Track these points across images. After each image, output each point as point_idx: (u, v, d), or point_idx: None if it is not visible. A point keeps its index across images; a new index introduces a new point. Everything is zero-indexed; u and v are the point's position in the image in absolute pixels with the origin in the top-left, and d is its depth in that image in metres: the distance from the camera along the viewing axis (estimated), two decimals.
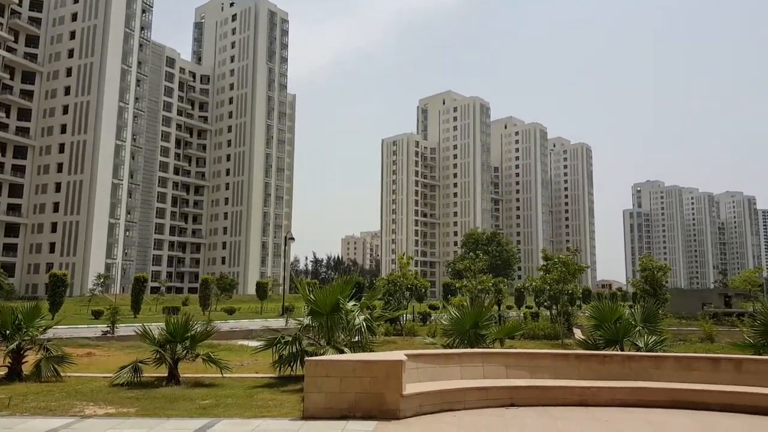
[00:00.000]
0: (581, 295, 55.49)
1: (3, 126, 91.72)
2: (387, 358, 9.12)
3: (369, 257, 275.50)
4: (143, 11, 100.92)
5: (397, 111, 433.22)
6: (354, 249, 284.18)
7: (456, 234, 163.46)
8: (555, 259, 32.44)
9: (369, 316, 13.49)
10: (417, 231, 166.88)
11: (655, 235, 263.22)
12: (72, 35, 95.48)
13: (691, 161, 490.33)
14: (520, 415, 8.85)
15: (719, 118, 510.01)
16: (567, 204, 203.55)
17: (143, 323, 12.98)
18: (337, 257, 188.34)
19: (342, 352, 11.53)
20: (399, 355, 9.17)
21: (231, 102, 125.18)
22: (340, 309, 12.34)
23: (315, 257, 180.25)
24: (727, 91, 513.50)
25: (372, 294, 15.30)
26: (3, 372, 12.22)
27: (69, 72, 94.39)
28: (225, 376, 12.26)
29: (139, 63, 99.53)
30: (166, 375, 11.83)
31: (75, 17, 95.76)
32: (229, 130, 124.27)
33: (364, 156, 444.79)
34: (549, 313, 37.42)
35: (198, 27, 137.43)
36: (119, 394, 10.48)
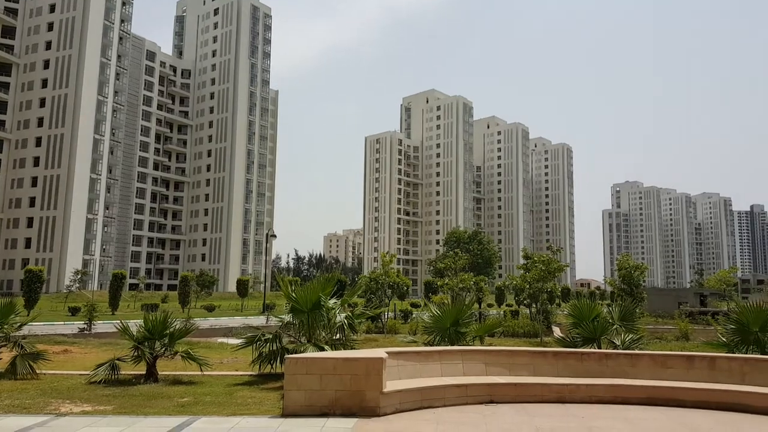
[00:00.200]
0: (560, 294, 56.04)
1: None
2: (367, 355, 9.13)
3: (351, 255, 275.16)
4: (123, 3, 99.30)
5: (381, 109, 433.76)
6: (336, 247, 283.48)
7: (438, 232, 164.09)
8: (535, 258, 32.80)
9: (350, 313, 13.49)
10: (399, 229, 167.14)
11: (633, 235, 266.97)
12: (50, 27, 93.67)
13: (670, 162, 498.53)
14: (498, 412, 8.94)
15: (698, 121, 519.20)
16: (548, 203, 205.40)
17: (121, 320, 12.81)
18: (320, 255, 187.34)
19: (323, 349, 11.52)
20: (380, 353, 9.18)
21: (212, 97, 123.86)
22: (321, 306, 12.31)
23: (297, 255, 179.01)
24: (706, 96, 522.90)
25: (352, 291, 15.26)
26: None
27: (46, 64, 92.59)
28: (204, 373, 12.18)
29: (119, 56, 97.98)
30: (144, 373, 11.72)
31: (53, 8, 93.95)
32: (211, 125, 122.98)
33: (347, 153, 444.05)
34: (529, 312, 37.79)
35: (179, 21, 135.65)
36: (96, 391, 10.34)
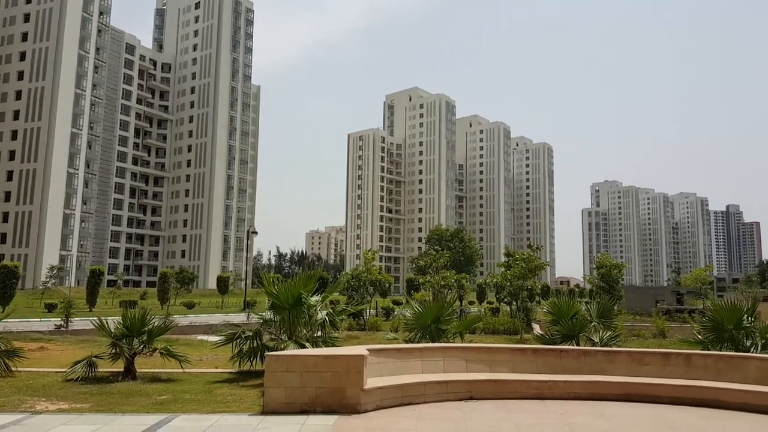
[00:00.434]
0: (540, 292, 56.50)
1: None
2: (348, 352, 9.13)
3: (334, 252, 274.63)
4: None
5: (364, 106, 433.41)
6: (318, 244, 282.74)
7: (421, 230, 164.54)
8: (516, 256, 33.08)
9: (332, 311, 13.47)
10: (382, 226, 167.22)
11: (612, 234, 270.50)
12: (26, 18, 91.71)
13: (648, 163, 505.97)
14: (478, 408, 9.01)
15: (676, 122, 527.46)
16: (528, 202, 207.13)
17: (99, 317, 12.64)
18: (302, 252, 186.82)
19: (303, 347, 11.48)
20: (361, 350, 9.19)
21: (193, 91, 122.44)
22: (302, 303, 12.26)
23: (279, 252, 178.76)
24: (685, 97, 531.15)
25: (331, 287, 15.21)
26: None
27: (23, 56, 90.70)
28: (183, 371, 12.08)
29: (98, 49, 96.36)
30: (122, 370, 11.58)
31: None
32: (191, 120, 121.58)
33: (330, 150, 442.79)
34: (509, 309, 38.09)
35: (160, 14, 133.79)
36: (73, 389, 10.19)
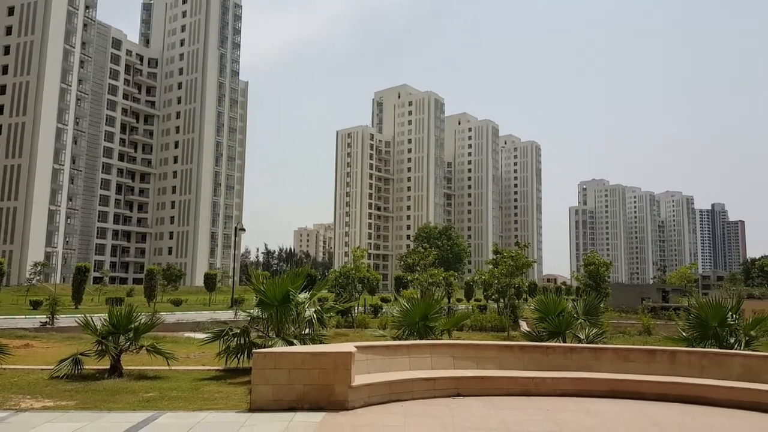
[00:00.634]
0: (527, 289, 57.06)
1: None
2: (336, 350, 9.13)
3: (322, 249, 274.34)
4: None
5: (352, 103, 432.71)
6: (307, 241, 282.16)
7: (409, 228, 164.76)
8: (504, 254, 33.21)
9: (320, 308, 13.45)
10: (370, 224, 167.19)
11: (599, 232, 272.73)
12: (10, 11, 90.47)
13: (635, 161, 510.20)
14: (465, 405, 9.06)
15: (663, 121, 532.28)
16: (516, 200, 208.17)
17: (85, 314, 12.52)
18: (290, 249, 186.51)
19: (291, 344, 11.46)
20: (348, 347, 9.20)
21: (180, 87, 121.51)
22: (290, 300, 12.23)
23: (267, 249, 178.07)
24: (671, 96, 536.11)
25: (320, 284, 15.17)
26: None
27: (7, 50, 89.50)
28: (170, 368, 12.00)
29: (83, 43, 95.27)
30: (108, 367, 11.48)
31: None
32: (178, 116, 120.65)
33: (318, 147, 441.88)
34: (497, 306, 38.29)
35: (146, 8, 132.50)
36: (58, 387, 10.10)
